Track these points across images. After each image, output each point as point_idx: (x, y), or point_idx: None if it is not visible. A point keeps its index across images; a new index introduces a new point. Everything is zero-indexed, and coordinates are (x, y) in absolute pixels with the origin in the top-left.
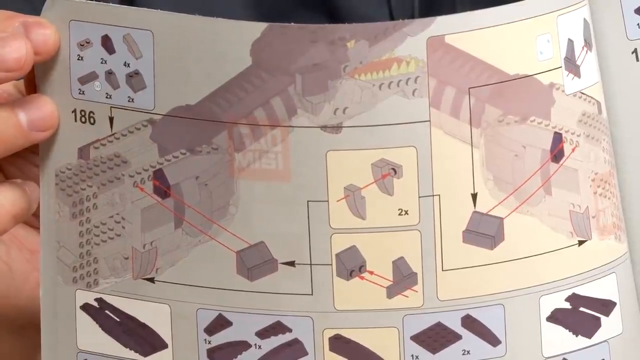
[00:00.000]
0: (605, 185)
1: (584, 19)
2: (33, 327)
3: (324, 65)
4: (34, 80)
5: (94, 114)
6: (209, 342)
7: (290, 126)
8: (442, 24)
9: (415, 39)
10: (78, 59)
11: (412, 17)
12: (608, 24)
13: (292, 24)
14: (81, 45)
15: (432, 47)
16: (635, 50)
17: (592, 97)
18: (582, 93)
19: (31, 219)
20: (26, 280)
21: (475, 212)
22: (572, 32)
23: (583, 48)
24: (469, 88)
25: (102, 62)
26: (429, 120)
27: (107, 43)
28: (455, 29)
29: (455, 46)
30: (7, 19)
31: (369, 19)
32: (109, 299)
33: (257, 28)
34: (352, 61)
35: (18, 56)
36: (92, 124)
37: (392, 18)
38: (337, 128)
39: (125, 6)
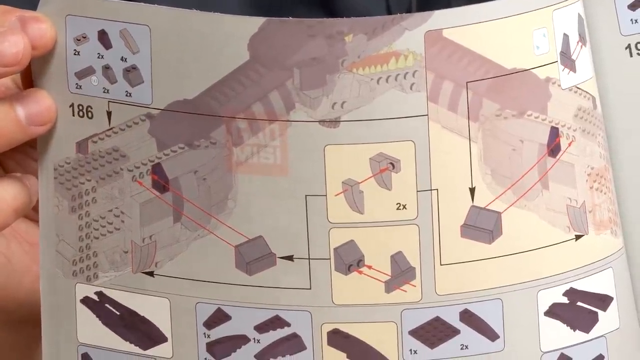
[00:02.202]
0: (601, 180)
1: (579, 14)
2: (32, 320)
3: (322, 60)
4: (30, 75)
5: (91, 108)
6: (208, 336)
7: (289, 120)
8: (440, 18)
9: (413, 33)
10: (74, 54)
11: (410, 11)
12: (601, 20)
13: (290, 18)
14: (77, 40)
15: (429, 41)
16: (628, 46)
17: (587, 92)
18: (578, 88)
19: (30, 213)
20: (26, 274)
21: (473, 206)
22: (567, 26)
23: (578, 43)
24: (467, 82)
25: (99, 57)
26: (427, 115)
27: (103, 38)
28: (453, 23)
29: (453, 40)
30: (3, 14)
31: (367, 14)
32: (109, 292)
33: (255, 22)
34: (350, 55)
35: (15, 51)
36: (90, 118)
37: (389, 13)
38: (335, 122)
39: (122, 1)
